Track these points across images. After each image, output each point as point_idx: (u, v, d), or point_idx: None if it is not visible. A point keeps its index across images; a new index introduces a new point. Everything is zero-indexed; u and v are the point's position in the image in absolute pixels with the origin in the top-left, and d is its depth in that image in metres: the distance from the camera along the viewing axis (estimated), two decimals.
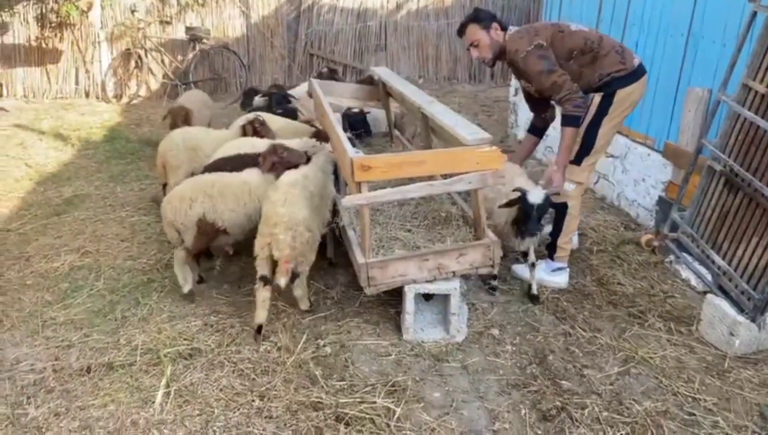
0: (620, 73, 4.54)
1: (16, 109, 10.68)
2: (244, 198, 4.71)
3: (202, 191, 4.62)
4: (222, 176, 4.82)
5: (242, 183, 4.76)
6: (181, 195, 4.63)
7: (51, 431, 3.53)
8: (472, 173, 3.87)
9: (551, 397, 3.75)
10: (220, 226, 4.64)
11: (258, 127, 5.97)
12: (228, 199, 4.66)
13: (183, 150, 5.89)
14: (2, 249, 5.70)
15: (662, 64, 5.94)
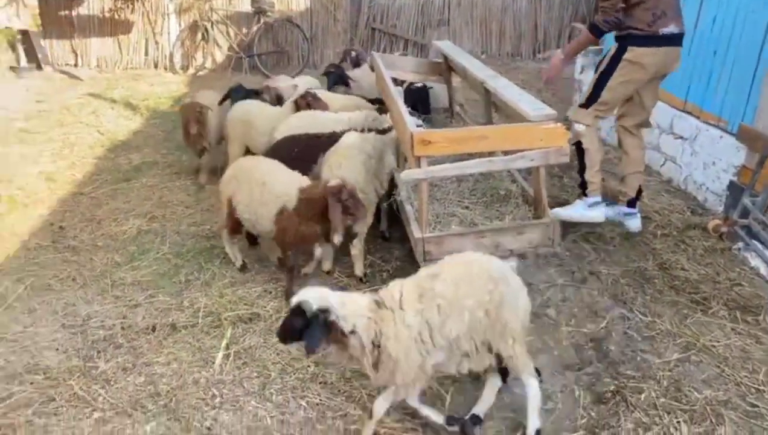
0: (639, 32, 4.48)
1: (89, 78, 11.10)
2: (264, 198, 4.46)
3: (236, 174, 4.66)
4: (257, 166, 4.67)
5: (261, 183, 4.48)
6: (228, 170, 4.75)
7: (118, 384, 3.73)
8: (535, 150, 3.80)
9: (607, 380, 3.70)
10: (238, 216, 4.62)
11: (311, 101, 5.99)
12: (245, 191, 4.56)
13: (239, 124, 6.01)
14: (76, 211, 5.99)
15: (740, 42, 5.64)
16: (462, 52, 5.94)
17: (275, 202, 4.34)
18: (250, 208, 4.49)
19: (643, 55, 4.52)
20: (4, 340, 4.15)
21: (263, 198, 4.40)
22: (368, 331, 2.90)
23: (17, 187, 6.22)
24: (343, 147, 4.78)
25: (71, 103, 9.39)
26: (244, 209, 4.53)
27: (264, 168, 4.60)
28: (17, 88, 9.86)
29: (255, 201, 4.45)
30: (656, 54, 4.52)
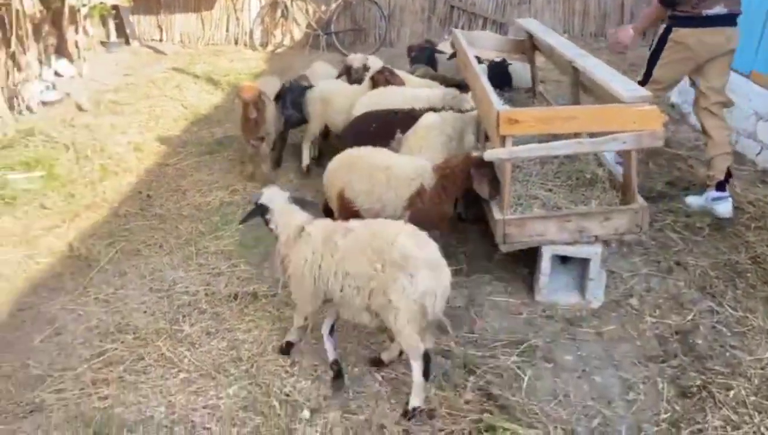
0: (682, 12, 4.68)
1: (173, 53, 11.44)
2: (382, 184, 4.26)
3: (347, 165, 4.42)
4: (371, 154, 4.47)
5: (385, 167, 4.29)
6: (333, 163, 4.51)
7: (203, 348, 3.88)
8: (627, 133, 3.65)
9: (692, 375, 3.56)
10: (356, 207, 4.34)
11: (388, 77, 5.96)
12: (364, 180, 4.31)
13: (319, 102, 6.06)
14: (162, 181, 6.23)
15: None
16: (548, 30, 5.76)
17: (409, 185, 4.16)
18: (372, 196, 4.23)
19: (686, 36, 4.69)
20: (98, 299, 4.38)
21: (391, 182, 4.19)
22: (284, 244, 3.57)
23: (108, 156, 6.52)
24: (423, 128, 4.75)
25: (157, 76, 9.72)
26: (365, 199, 4.26)
27: (379, 154, 4.43)
28: (107, 62, 10.28)
29: (380, 187, 4.22)
30: (700, 34, 4.65)
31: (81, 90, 8.45)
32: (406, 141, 4.45)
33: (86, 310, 4.28)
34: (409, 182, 4.17)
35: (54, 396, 3.49)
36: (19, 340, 4.02)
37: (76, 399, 3.46)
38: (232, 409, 3.38)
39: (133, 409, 3.40)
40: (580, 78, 4.64)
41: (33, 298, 4.43)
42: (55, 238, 5.15)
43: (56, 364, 3.77)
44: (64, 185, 5.84)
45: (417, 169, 4.19)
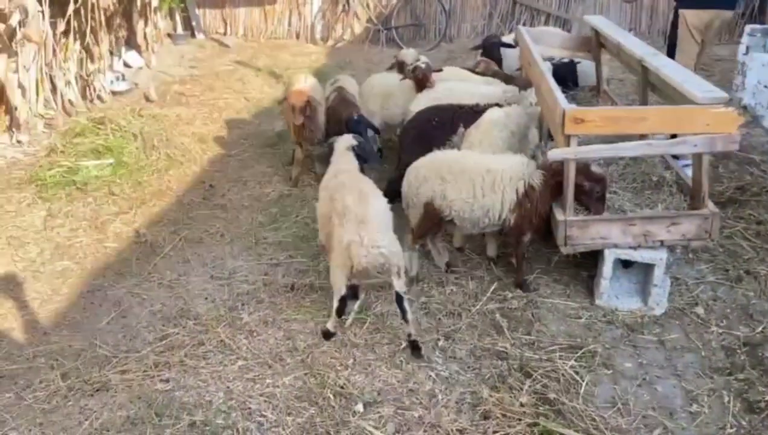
0: None
1: (236, 46, 11.66)
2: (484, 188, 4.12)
3: (437, 171, 4.20)
4: (462, 157, 4.33)
5: (486, 170, 4.13)
6: (417, 171, 4.32)
7: (260, 336, 3.96)
8: (700, 135, 3.52)
9: (761, 389, 3.41)
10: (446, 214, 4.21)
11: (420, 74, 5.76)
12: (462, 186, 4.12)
13: (379, 96, 6.05)
14: (224, 172, 6.38)
15: None
16: (616, 27, 5.61)
17: (513, 186, 4.06)
18: (473, 202, 4.09)
19: (696, 15, 5.34)
20: (162, 285, 4.53)
21: (495, 186, 4.07)
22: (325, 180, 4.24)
23: (174, 145, 6.70)
24: (486, 122, 4.72)
25: (220, 69, 9.93)
26: (464, 207, 4.10)
27: (470, 157, 4.30)
28: (174, 54, 10.57)
29: (481, 192, 4.08)
30: (706, 13, 5.34)
31: (149, 81, 8.73)
32: (468, 135, 4.43)
33: (150, 295, 4.42)
34: (517, 183, 4.07)
35: (119, 376, 3.62)
36: (88, 320, 4.19)
37: (140, 380, 3.59)
38: (287, 398, 3.44)
39: (193, 393, 3.49)
40: (649, 77, 4.49)
41: (101, 281, 4.61)
42: (122, 223, 5.35)
43: (121, 346, 3.91)
44: (131, 173, 6.05)
45: (520, 169, 4.11)
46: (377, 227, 3.60)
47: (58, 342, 3.95)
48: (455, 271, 4.56)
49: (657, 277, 3.93)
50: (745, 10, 11.31)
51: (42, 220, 5.30)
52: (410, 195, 4.32)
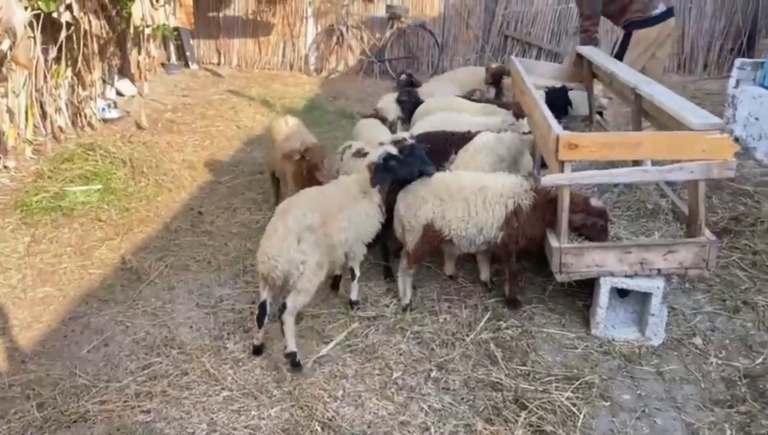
0: (639, 17, 5.95)
1: (230, 76, 11.71)
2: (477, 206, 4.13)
3: (435, 192, 4.18)
4: (458, 176, 4.31)
5: (479, 188, 4.14)
6: (415, 193, 4.25)
7: (246, 366, 3.83)
8: (695, 162, 3.47)
9: (764, 423, 3.31)
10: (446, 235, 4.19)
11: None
12: (458, 205, 4.14)
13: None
14: (214, 199, 6.29)
15: None
16: (608, 56, 5.63)
17: (503, 203, 4.07)
18: (470, 220, 4.10)
19: (648, 34, 5.96)
20: (147, 313, 4.39)
21: (487, 203, 4.08)
22: None
23: (163, 172, 6.62)
24: (475, 146, 4.72)
25: (213, 98, 9.93)
26: (461, 226, 4.11)
27: (465, 175, 4.30)
28: (167, 83, 10.58)
29: (476, 210, 4.09)
30: (659, 27, 5.98)
31: (141, 109, 8.69)
32: (458, 157, 4.42)
33: (134, 323, 4.29)
34: (507, 201, 4.07)
35: (98, 407, 3.46)
36: (68, 348, 4.04)
37: (120, 411, 3.44)
38: (273, 431, 3.30)
39: (175, 425, 3.35)
40: (642, 105, 4.48)
41: (84, 308, 4.47)
42: (108, 250, 5.23)
43: (102, 375, 3.76)
44: (119, 199, 5.95)
45: (511, 188, 4.11)
46: (282, 239, 3.70)
47: (35, 371, 3.79)
48: (448, 299, 4.46)
49: (654, 307, 3.84)
50: (734, 45, 11.49)
51: (25, 245, 5.18)
52: (407, 217, 4.25)
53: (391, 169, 4.10)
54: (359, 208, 4.13)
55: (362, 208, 4.14)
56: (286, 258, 3.68)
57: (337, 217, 3.97)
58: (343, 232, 3.99)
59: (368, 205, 4.17)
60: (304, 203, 3.96)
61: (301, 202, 3.98)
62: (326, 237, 3.87)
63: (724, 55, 11.54)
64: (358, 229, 4.11)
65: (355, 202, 4.13)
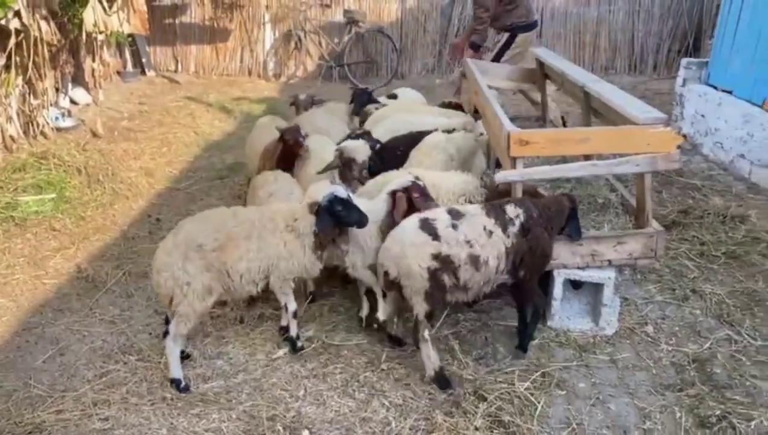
0: (523, 22, 7.04)
1: (187, 82, 11.60)
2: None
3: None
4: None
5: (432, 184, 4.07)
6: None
7: (206, 370, 3.80)
8: (641, 155, 3.60)
9: (711, 404, 3.43)
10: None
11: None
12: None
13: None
14: (172, 205, 6.24)
15: None
16: (559, 57, 5.78)
17: (454, 201, 4.09)
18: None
19: (525, 37, 7.09)
20: (104, 321, 4.34)
21: (439, 200, 4.05)
22: None
23: (120, 180, 6.54)
24: (426, 145, 4.78)
25: (170, 105, 9.82)
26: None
27: (428, 175, 4.22)
28: (123, 91, 10.41)
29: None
30: (531, 35, 7.21)
31: (96, 117, 8.54)
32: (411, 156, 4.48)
33: (91, 331, 4.23)
34: (458, 198, 4.14)
35: (54, 416, 3.40)
36: (22, 359, 3.96)
37: (77, 420, 3.38)
38: (235, 433, 3.29)
39: (134, 431, 3.31)
40: (591, 103, 4.62)
41: (38, 319, 4.38)
42: (63, 259, 5.13)
43: (58, 385, 3.70)
44: (74, 208, 5.84)
45: (465, 186, 4.18)
46: (167, 254, 3.54)
47: None
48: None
49: (606, 297, 3.96)
50: (681, 46, 11.88)
51: None
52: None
53: (337, 214, 3.59)
54: (278, 242, 3.68)
55: (282, 244, 3.68)
56: (168, 274, 3.49)
57: (239, 245, 3.60)
58: (244, 262, 3.60)
59: (293, 243, 3.69)
60: (203, 221, 3.69)
61: (200, 219, 3.74)
62: (220, 263, 3.55)
63: (672, 55, 11.91)
64: (270, 263, 3.69)
65: (274, 235, 3.69)
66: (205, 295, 3.55)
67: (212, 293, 3.59)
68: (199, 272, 3.51)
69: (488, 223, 3.53)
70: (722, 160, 6.93)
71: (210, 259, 3.54)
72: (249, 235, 3.64)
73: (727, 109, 6.94)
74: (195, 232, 3.58)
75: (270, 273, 3.72)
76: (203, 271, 3.52)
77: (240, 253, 3.60)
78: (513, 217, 3.58)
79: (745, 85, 6.83)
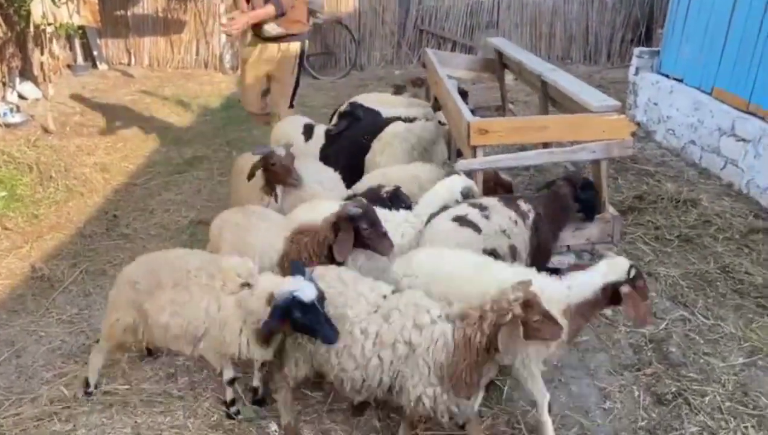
0: (306, 27, 6.07)
1: (142, 76, 11.33)
2: None
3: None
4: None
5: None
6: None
7: (170, 367, 3.75)
8: (597, 142, 3.69)
9: (668, 382, 3.55)
10: None
11: None
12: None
13: None
14: (129, 201, 6.10)
15: None
16: (517, 47, 5.86)
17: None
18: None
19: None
20: (62, 320, 4.23)
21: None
22: None
23: (74, 176, 6.37)
24: (387, 135, 4.81)
25: (125, 99, 9.60)
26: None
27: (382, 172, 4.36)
28: (74, 85, 10.11)
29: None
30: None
31: (47, 112, 8.28)
32: (372, 147, 4.50)
33: (48, 332, 4.12)
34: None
35: (12, 420, 3.32)
36: None
37: (36, 422, 3.30)
38: (200, 429, 3.26)
39: (97, 431, 3.25)
40: (548, 92, 4.70)
41: None
42: (17, 259, 4.98)
43: (15, 388, 3.60)
44: (26, 206, 5.68)
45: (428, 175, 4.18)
46: (116, 285, 3.35)
47: None
48: None
49: None
50: (634, 35, 12.16)
51: None
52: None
53: (293, 318, 2.77)
54: (211, 307, 3.01)
55: (216, 311, 3.00)
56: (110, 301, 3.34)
57: (160, 297, 3.08)
58: (164, 317, 3.06)
59: (231, 316, 2.98)
60: (150, 261, 3.31)
61: (150, 258, 3.35)
62: (145, 309, 3.13)
63: (626, 45, 12.19)
64: (195, 328, 3.05)
65: (208, 295, 3.02)
66: (122, 335, 3.27)
67: (131, 335, 3.26)
68: (126, 307, 3.21)
69: (511, 214, 3.54)
70: (674, 146, 7.14)
71: (139, 300, 3.14)
72: (175, 284, 3.08)
73: (678, 97, 7.14)
74: (136, 267, 3.29)
75: (198, 339, 3.09)
76: (130, 307, 3.19)
77: (159, 304, 3.07)
78: (526, 211, 3.60)
79: (694, 73, 7.04)
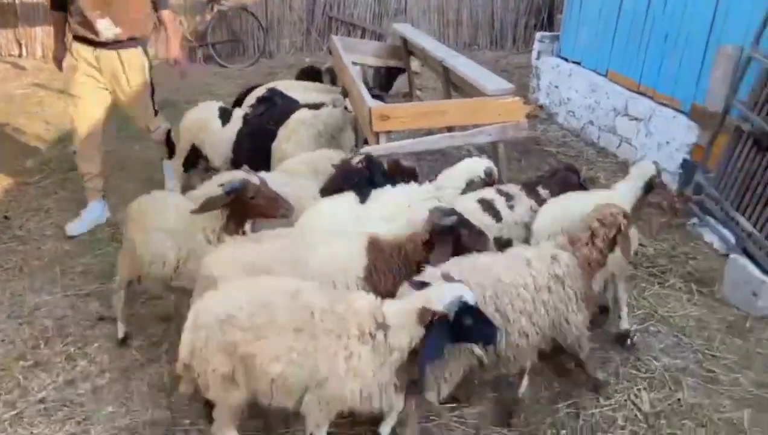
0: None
1: (34, 68, 10.66)
2: None
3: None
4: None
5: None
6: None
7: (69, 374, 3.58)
8: (493, 125, 3.79)
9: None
10: None
11: None
12: None
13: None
14: (22, 201, 5.74)
15: (690, 26, 5.77)
16: (421, 33, 5.93)
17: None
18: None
19: None
20: None
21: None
22: None
23: None
24: (293, 121, 4.77)
25: (15, 93, 9.02)
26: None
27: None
28: None
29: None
30: None
31: None
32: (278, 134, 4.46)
33: None
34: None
35: None
36: None
37: None
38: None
39: None
40: (450, 78, 4.78)
41: None
42: None
43: None
44: None
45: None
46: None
47: None
48: None
49: None
50: (536, 21, 12.57)
51: None
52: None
53: (465, 332, 2.51)
54: (339, 356, 2.51)
55: (343, 362, 2.49)
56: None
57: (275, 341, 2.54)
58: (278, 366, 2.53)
59: (365, 365, 2.50)
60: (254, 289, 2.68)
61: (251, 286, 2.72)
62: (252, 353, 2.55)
63: (529, 30, 12.59)
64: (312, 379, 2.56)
65: (336, 344, 2.50)
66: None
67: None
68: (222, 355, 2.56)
69: (532, 204, 3.58)
70: (575, 127, 7.45)
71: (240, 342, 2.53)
72: (300, 330, 2.50)
73: (576, 80, 7.45)
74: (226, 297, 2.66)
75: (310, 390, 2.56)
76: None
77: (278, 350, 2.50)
78: (545, 198, 3.63)
79: (591, 57, 7.36)
